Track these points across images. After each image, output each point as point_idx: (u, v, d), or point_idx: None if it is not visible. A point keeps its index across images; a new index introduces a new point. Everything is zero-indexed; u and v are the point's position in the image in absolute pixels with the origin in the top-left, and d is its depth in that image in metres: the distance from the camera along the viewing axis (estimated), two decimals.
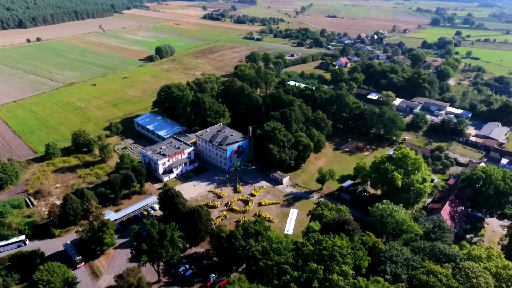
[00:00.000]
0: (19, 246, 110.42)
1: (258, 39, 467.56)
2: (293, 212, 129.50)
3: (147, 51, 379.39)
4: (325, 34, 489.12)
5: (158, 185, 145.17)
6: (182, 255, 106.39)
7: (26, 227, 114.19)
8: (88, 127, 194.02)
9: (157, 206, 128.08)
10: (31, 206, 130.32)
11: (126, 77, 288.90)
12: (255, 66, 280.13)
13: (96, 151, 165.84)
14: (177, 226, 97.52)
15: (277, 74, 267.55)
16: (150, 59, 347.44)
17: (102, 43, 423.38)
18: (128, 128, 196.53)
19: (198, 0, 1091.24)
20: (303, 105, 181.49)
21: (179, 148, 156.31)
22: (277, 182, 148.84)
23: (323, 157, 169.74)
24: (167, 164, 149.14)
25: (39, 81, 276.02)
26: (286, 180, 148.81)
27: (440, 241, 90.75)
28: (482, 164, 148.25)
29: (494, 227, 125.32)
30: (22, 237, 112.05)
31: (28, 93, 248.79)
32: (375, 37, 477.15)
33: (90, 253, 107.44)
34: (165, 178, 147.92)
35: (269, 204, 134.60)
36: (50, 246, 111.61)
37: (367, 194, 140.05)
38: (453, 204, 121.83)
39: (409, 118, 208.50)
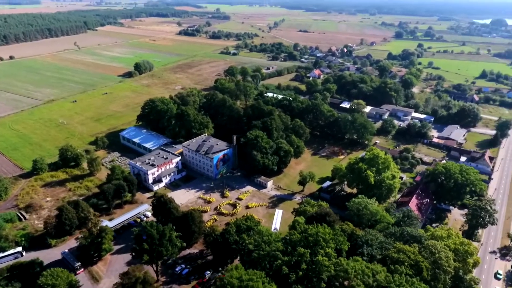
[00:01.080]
0: (16, 258, 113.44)
1: (234, 54, 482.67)
2: (278, 213, 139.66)
3: (125, 67, 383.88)
4: (298, 48, 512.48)
5: (148, 194, 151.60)
6: (177, 256, 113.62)
7: (23, 239, 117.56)
8: (72, 142, 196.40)
9: (149, 214, 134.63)
10: (23, 220, 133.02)
11: (106, 93, 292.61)
12: (234, 80, 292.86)
13: (84, 165, 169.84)
14: (174, 227, 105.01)
15: (256, 87, 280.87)
16: (129, 74, 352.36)
17: (78, 60, 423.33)
18: (114, 142, 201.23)
19: (172, 16, 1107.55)
20: (282, 115, 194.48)
21: (167, 158, 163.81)
22: (261, 186, 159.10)
23: (303, 162, 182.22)
24: (156, 173, 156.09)
25: (16, 99, 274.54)
26: (270, 184, 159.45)
27: (408, 227, 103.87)
28: (443, 162, 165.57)
29: (456, 216, 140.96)
30: (19, 249, 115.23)
31: (6, 111, 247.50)
32: (345, 50, 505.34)
33: (88, 260, 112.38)
34: (155, 187, 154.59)
35: (255, 207, 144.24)
36: (47, 256, 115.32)
37: (345, 193, 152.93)
38: (419, 197, 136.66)
39: (379, 124, 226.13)
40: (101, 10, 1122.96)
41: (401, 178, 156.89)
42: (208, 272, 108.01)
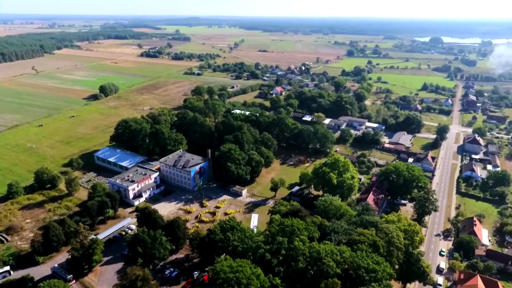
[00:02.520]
0: (4, 277, 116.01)
1: (198, 74, 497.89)
2: (254, 217, 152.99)
3: (89, 90, 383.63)
4: (260, 67, 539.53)
5: (129, 209, 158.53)
6: (165, 261, 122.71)
7: (10, 258, 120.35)
8: (45, 165, 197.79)
9: (133, 227, 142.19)
10: (5, 242, 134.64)
11: (73, 116, 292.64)
12: (201, 99, 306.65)
13: (61, 186, 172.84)
14: (163, 232, 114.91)
15: (223, 104, 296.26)
16: (94, 97, 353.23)
17: (38, 84, 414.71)
18: (88, 163, 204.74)
19: (132, 38, 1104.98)
20: (251, 129, 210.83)
21: (145, 174, 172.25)
22: (237, 194, 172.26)
23: (273, 171, 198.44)
24: (136, 189, 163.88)
25: None
26: (244, 192, 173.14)
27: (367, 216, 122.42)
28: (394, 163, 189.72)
29: (407, 208, 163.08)
30: (7, 268, 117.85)
31: None
32: (303, 68, 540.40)
33: (79, 272, 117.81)
34: (136, 202, 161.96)
35: (233, 213, 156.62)
36: (36, 272, 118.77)
37: (312, 195, 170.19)
38: (375, 194, 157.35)
39: (337, 133, 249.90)
40: (55, 33, 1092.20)
41: (359, 179, 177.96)
42: (196, 272, 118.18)
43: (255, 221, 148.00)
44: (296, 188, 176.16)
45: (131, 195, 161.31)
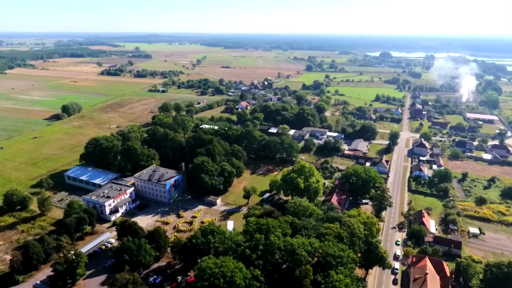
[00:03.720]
0: None
1: (163, 91, 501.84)
2: (230, 223, 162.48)
3: (50, 110, 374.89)
4: (224, 83, 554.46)
5: (107, 225, 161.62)
6: (148, 270, 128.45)
7: None
8: (13, 187, 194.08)
9: (113, 240, 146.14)
10: None
11: (36, 137, 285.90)
12: (169, 115, 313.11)
13: (32, 207, 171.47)
14: (147, 240, 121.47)
15: (192, 120, 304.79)
16: (57, 117, 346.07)
17: None
18: (58, 182, 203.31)
19: (89, 56, 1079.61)
20: (221, 142, 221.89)
21: (121, 189, 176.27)
22: (212, 204, 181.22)
23: (244, 180, 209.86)
24: (112, 204, 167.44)
25: None
26: (219, 201, 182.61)
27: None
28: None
29: (367, 206, 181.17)
30: None
31: None
32: (266, 83, 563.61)
33: (61, 287, 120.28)
34: (112, 218, 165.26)
35: (209, 221, 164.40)
36: None
37: (282, 200, 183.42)
38: (338, 195, 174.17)
39: (302, 143, 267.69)
40: (4, 51, 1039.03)
41: (324, 183, 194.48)
42: (179, 277, 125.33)
43: (230, 227, 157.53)
44: (267, 194, 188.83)
45: (107, 211, 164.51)
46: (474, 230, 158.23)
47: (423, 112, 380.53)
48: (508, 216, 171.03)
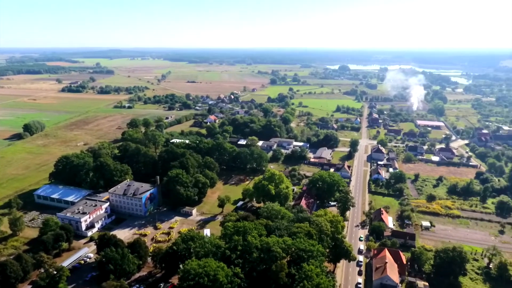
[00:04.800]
0: None
1: (129, 107, 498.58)
2: (207, 231, 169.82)
3: (10, 130, 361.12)
4: (191, 98, 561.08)
5: (83, 240, 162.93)
6: (129, 280, 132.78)
7: None
8: None
9: (91, 255, 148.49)
10: None
11: None
12: (138, 131, 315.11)
13: (3, 227, 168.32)
14: (129, 250, 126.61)
15: (162, 135, 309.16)
16: (18, 136, 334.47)
17: None
18: (27, 202, 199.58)
19: (47, 72, 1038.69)
20: (194, 154, 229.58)
21: (96, 205, 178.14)
22: (188, 214, 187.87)
23: (217, 191, 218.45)
24: (88, 220, 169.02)
25: None
26: (194, 211, 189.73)
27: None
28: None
29: (333, 209, 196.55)
30: None
31: None
32: (232, 96, 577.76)
33: None
34: (89, 233, 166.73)
35: (187, 231, 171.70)
36: None
37: (255, 207, 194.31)
38: (307, 199, 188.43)
39: (270, 153, 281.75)
40: None
41: (293, 189, 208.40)
42: (161, 284, 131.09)
43: (207, 235, 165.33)
44: (240, 202, 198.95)
45: (83, 227, 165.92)
46: (425, 223, 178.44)
47: (379, 121, 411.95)
48: (453, 209, 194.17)
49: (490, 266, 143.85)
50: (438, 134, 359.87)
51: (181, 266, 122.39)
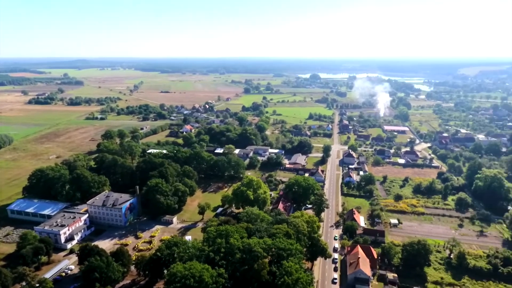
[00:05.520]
0: None
1: (102, 118, 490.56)
2: (188, 238, 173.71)
3: None
4: (165, 108, 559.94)
5: (63, 253, 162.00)
6: None
7: None
8: None
9: (73, 267, 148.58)
10: None
11: None
12: (113, 142, 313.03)
13: None
14: (114, 259, 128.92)
15: (138, 145, 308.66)
16: None
17: None
18: None
19: (11, 84, 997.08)
20: (172, 164, 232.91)
21: (74, 217, 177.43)
22: (168, 223, 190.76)
23: (197, 199, 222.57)
24: (67, 232, 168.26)
25: None
26: (175, 219, 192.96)
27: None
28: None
29: (309, 211, 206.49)
30: None
31: None
32: (207, 106, 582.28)
33: None
34: (68, 245, 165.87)
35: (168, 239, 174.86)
36: None
37: (234, 213, 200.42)
38: (284, 203, 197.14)
39: (247, 161, 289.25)
40: None
41: (270, 194, 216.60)
42: None
43: (190, 241, 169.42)
44: (220, 209, 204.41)
45: (63, 239, 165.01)
46: (394, 221, 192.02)
47: (350, 127, 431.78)
48: (418, 207, 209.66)
49: (451, 256, 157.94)
50: (403, 138, 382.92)
51: (165, 271, 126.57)
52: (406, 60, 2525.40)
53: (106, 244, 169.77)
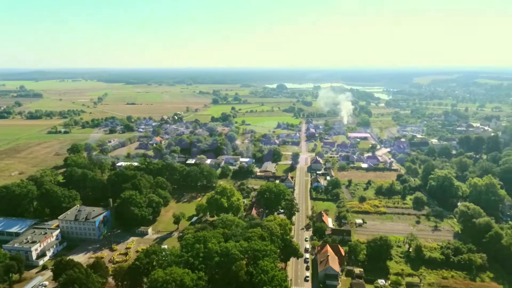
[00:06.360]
0: None
1: (66, 132, 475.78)
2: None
3: None
4: (133, 120, 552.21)
5: (35, 270, 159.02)
6: None
7: None
8: None
9: (47, 283, 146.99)
10: None
11: None
12: (81, 156, 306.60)
13: None
14: (92, 270, 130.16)
15: (107, 158, 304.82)
16: None
17: None
18: None
19: None
20: (144, 175, 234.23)
21: (46, 233, 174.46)
22: (143, 234, 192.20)
23: (171, 209, 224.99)
24: (39, 249, 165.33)
25: None
26: (150, 230, 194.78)
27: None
28: None
29: (281, 216, 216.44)
30: None
31: None
32: (176, 117, 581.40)
33: None
34: (40, 262, 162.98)
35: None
36: None
37: (209, 221, 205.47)
38: (256, 209, 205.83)
39: (219, 170, 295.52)
40: None
41: (243, 202, 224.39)
42: None
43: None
44: (195, 218, 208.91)
45: (34, 256, 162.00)
46: (359, 221, 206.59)
47: (316, 135, 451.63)
48: (380, 207, 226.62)
49: (410, 250, 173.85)
50: (366, 144, 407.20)
51: (145, 279, 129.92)
52: (367, 69, 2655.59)
53: (81, 258, 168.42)
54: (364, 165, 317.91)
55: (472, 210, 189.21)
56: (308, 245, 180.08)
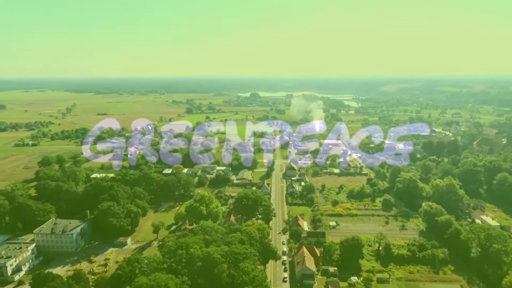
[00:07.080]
0: None
1: (34, 144, 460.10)
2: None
3: None
4: (105, 131, 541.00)
5: (11, 286, 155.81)
6: None
7: None
8: None
9: None
10: None
11: None
12: (53, 169, 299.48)
13: None
14: (74, 281, 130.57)
15: (81, 170, 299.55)
16: None
17: None
18: None
19: None
20: (122, 186, 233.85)
21: (21, 247, 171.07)
22: (122, 244, 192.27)
23: (149, 219, 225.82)
24: (14, 264, 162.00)
25: None
26: (129, 241, 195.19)
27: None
28: None
29: (259, 221, 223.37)
30: None
31: None
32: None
33: None
34: (16, 277, 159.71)
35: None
36: None
37: (188, 229, 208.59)
38: (235, 215, 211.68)
39: (196, 179, 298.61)
40: None
41: (222, 209, 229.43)
42: None
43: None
44: (174, 226, 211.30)
45: (9, 271, 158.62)
46: (332, 223, 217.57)
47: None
48: (352, 210, 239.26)
49: (380, 248, 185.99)
50: (337, 150, 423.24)
51: (128, 287, 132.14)
52: (337, 78, 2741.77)
53: (59, 272, 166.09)
54: (336, 171, 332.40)
55: (435, 209, 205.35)
56: (285, 248, 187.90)
